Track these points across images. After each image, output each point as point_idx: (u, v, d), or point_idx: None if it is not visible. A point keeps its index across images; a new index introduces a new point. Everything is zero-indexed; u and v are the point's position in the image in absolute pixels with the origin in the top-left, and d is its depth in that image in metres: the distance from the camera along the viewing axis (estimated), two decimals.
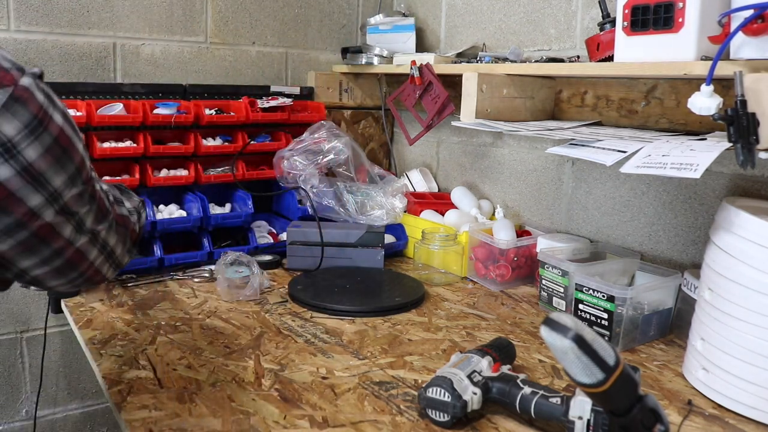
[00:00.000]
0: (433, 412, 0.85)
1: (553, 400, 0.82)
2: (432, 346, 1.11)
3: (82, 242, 0.68)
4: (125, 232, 0.78)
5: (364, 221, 1.58)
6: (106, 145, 1.46)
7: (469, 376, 0.86)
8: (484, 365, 0.90)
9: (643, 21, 1.07)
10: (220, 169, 1.61)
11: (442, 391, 0.84)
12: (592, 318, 1.15)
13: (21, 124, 0.57)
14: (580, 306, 1.17)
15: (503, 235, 1.43)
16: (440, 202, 1.72)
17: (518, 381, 0.86)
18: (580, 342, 0.65)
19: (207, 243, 1.50)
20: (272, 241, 1.62)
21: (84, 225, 0.67)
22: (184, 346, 1.08)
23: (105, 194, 0.73)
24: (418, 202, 1.71)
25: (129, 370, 0.98)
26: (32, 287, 0.76)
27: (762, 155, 0.91)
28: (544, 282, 1.31)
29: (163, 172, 1.55)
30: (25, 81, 0.59)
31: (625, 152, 1.04)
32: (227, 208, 1.62)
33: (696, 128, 1.22)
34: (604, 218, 1.44)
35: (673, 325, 1.20)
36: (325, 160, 1.60)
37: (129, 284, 1.37)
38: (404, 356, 1.07)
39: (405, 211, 1.68)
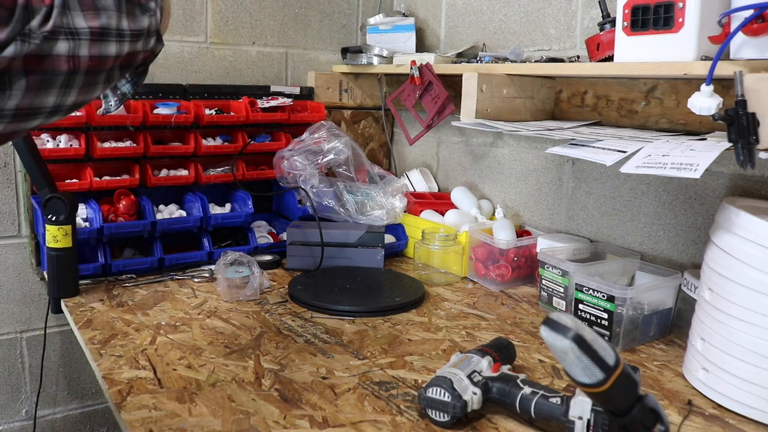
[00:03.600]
0: (433, 412, 0.85)
1: (553, 400, 0.82)
2: (432, 346, 1.11)
3: (34, 46, 0.55)
4: (138, 7, 0.64)
5: (364, 221, 1.58)
6: (106, 145, 1.46)
7: (469, 376, 0.86)
8: (484, 365, 0.90)
9: (643, 21, 1.07)
10: (220, 169, 1.61)
11: (442, 391, 0.84)
12: (592, 318, 1.15)
13: None
14: (580, 306, 1.17)
15: (503, 235, 1.43)
16: (440, 202, 1.72)
17: (518, 381, 0.87)
18: (580, 342, 0.65)
19: (207, 243, 1.50)
20: (272, 241, 1.62)
21: (25, 33, 0.54)
22: (184, 346, 1.08)
23: None
24: (418, 202, 1.71)
25: (129, 370, 0.98)
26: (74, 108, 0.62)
27: (762, 155, 0.91)
28: (544, 282, 1.31)
29: (163, 172, 1.55)
30: None
31: (625, 152, 1.04)
32: (227, 208, 1.63)
33: (696, 128, 1.22)
34: (604, 218, 1.44)
35: (673, 325, 1.20)
36: (325, 160, 1.60)
37: (129, 284, 1.37)
38: (404, 356, 1.07)
39: (405, 211, 1.68)
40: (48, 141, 1.43)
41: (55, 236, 1.27)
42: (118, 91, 0.77)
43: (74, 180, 1.45)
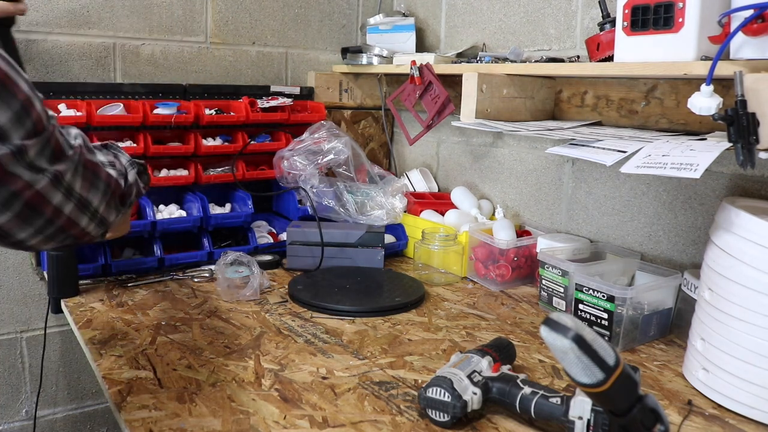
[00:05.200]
0: (433, 412, 0.85)
1: (553, 400, 0.82)
2: (432, 346, 1.11)
3: (42, 184, 0.63)
4: (99, 182, 0.73)
5: (364, 221, 1.58)
6: None
7: (469, 376, 0.86)
8: (484, 365, 0.90)
9: (643, 21, 1.07)
10: (220, 169, 1.61)
11: (442, 391, 0.84)
12: (592, 318, 1.15)
13: None
14: (580, 306, 1.17)
15: (503, 235, 1.43)
16: (440, 202, 1.72)
17: (518, 381, 0.87)
18: (580, 342, 0.65)
19: (207, 243, 1.50)
20: (272, 241, 1.62)
21: (39, 165, 0.62)
22: (184, 346, 1.08)
23: (66, 137, 0.69)
24: (418, 202, 1.71)
25: (129, 370, 0.98)
26: (15, 247, 0.69)
27: (762, 155, 0.91)
28: (544, 282, 1.31)
29: (163, 172, 1.55)
30: None
31: (625, 152, 1.04)
32: (227, 208, 1.63)
33: (696, 128, 1.22)
34: (604, 218, 1.44)
35: (673, 325, 1.20)
36: (325, 160, 1.60)
37: (129, 284, 1.37)
38: (404, 356, 1.07)
39: (405, 211, 1.68)
40: None
41: None
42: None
43: None
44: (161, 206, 1.55)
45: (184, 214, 1.54)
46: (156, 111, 1.51)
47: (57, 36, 1.53)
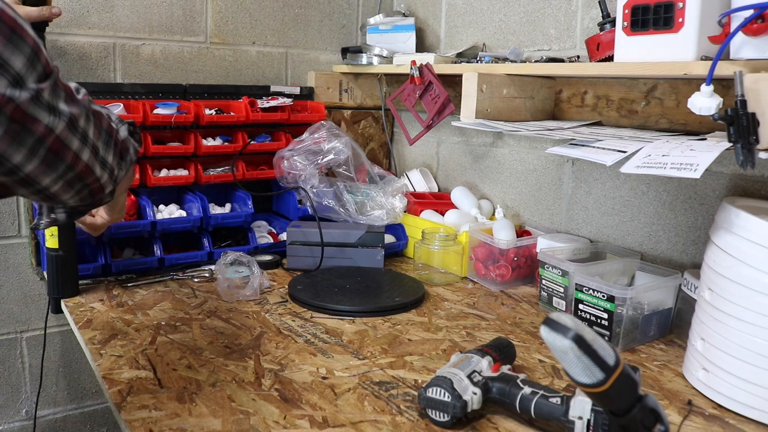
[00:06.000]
0: (433, 412, 0.85)
1: (553, 400, 0.82)
2: (432, 346, 1.11)
3: (60, 128, 0.65)
4: (106, 133, 0.75)
5: (364, 221, 1.58)
6: None
7: (469, 376, 0.86)
8: (484, 365, 0.90)
9: (643, 21, 1.07)
10: (220, 169, 1.61)
11: (442, 391, 0.84)
12: (592, 318, 1.15)
13: None
14: (580, 306, 1.17)
15: (503, 235, 1.43)
16: (440, 202, 1.72)
17: (518, 381, 0.87)
18: (580, 342, 0.65)
19: (207, 243, 1.50)
20: (272, 241, 1.62)
21: (56, 106, 0.65)
22: (184, 346, 1.08)
23: (72, 88, 0.71)
24: (418, 202, 1.71)
25: (129, 370, 0.98)
26: (37, 195, 0.71)
27: (762, 155, 0.91)
28: (544, 282, 1.31)
29: (163, 172, 1.55)
30: None
31: (625, 152, 1.04)
32: (227, 208, 1.63)
33: (696, 128, 1.22)
34: (604, 218, 1.44)
35: (673, 325, 1.20)
36: (325, 160, 1.60)
37: (129, 284, 1.37)
38: (404, 356, 1.07)
39: (405, 211, 1.68)
40: None
41: (55, 236, 1.27)
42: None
43: None
44: (161, 206, 1.55)
45: (184, 214, 1.54)
46: (156, 111, 1.51)
47: (57, 36, 1.53)
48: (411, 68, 1.55)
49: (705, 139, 1.07)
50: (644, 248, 1.36)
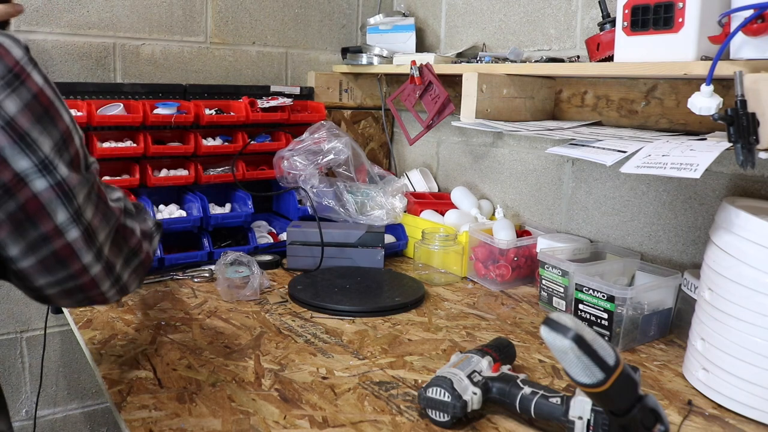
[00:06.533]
0: (433, 412, 0.85)
1: (553, 400, 0.82)
2: (432, 346, 1.11)
3: (75, 237, 0.60)
4: (129, 251, 0.70)
5: (364, 221, 1.58)
6: (106, 145, 1.46)
7: (469, 376, 0.86)
8: (484, 365, 0.90)
9: (643, 21, 1.07)
10: (220, 169, 1.61)
11: (442, 391, 0.84)
12: (592, 318, 1.15)
13: None
14: (580, 306, 1.17)
15: (503, 235, 1.43)
16: (440, 202, 1.72)
17: (518, 381, 0.86)
18: (580, 342, 0.65)
19: (207, 243, 1.50)
20: (272, 241, 1.62)
21: (82, 214, 0.60)
22: (184, 346, 1.08)
23: (110, 196, 0.67)
24: (418, 202, 1.71)
25: (129, 370, 0.98)
26: (30, 293, 0.66)
27: (762, 155, 0.91)
28: (544, 282, 1.31)
29: (163, 172, 1.55)
30: (2, 39, 0.56)
31: (625, 152, 1.04)
32: (227, 208, 1.62)
33: (696, 128, 1.22)
34: (604, 218, 1.44)
35: (673, 325, 1.20)
36: (325, 160, 1.60)
37: None
38: (404, 356, 1.07)
39: (405, 211, 1.68)
40: None
41: None
42: None
43: None
44: (161, 206, 1.55)
45: (184, 214, 1.54)
46: (156, 111, 1.51)
47: (57, 36, 1.53)
48: (411, 68, 1.55)
49: (705, 139, 1.07)
50: (644, 248, 1.36)
